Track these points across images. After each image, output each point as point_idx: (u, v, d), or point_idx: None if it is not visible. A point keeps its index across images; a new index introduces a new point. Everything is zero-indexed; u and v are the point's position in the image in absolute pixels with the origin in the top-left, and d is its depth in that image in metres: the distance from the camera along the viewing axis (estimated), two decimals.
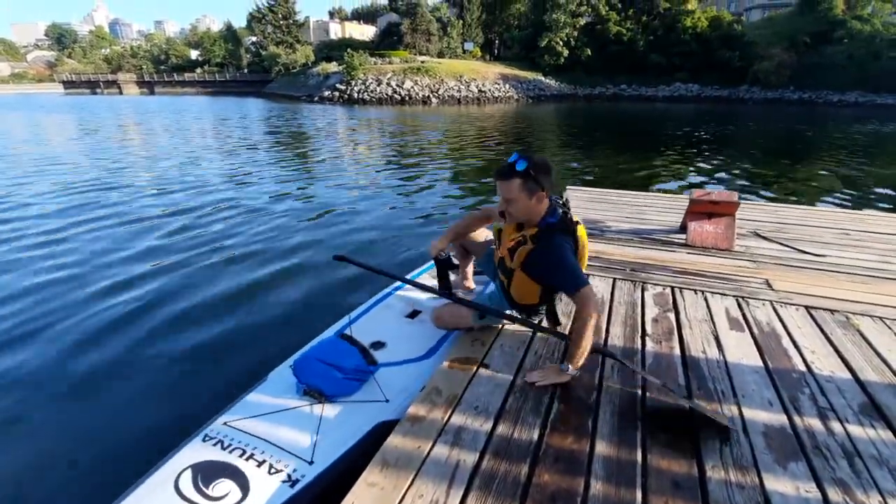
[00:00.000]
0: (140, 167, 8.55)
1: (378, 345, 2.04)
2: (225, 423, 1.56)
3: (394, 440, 1.38)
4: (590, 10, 41.09)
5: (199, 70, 62.53)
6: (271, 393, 1.73)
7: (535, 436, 1.39)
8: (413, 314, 2.33)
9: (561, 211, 1.73)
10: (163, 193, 6.42)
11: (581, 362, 1.60)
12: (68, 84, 61.62)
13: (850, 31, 33.96)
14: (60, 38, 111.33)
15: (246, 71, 59.08)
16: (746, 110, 27.59)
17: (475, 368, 1.74)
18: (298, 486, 1.35)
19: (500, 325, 2.03)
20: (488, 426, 1.44)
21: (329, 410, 1.62)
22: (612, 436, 1.39)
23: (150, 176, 7.69)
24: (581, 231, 1.79)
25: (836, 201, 6.26)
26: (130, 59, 73.09)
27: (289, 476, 1.37)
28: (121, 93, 56.71)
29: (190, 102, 33.87)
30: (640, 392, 1.59)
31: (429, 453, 1.33)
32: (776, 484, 1.22)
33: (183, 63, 69.32)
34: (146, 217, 5.29)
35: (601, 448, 1.34)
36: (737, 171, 8.46)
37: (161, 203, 5.89)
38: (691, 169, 8.66)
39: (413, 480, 1.23)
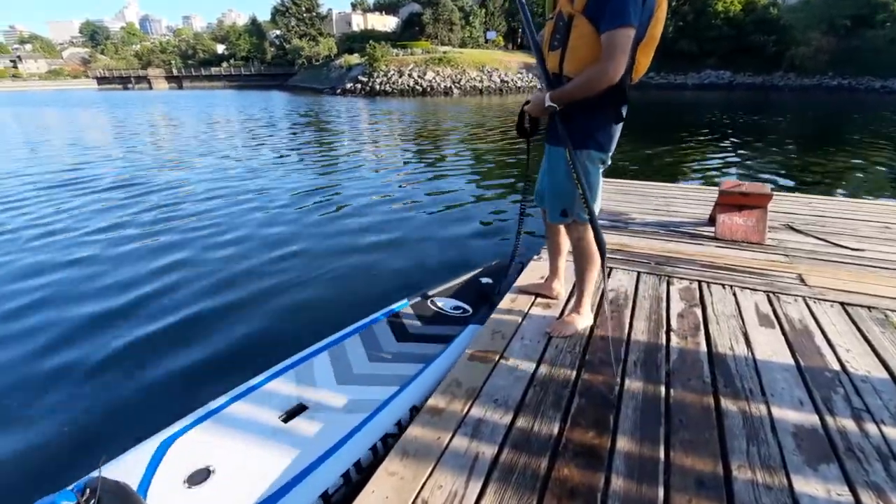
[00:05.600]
0: (164, 163, 8.79)
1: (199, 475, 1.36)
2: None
3: (414, 430, 1.40)
4: None
5: (224, 64, 63.83)
6: None
7: (556, 430, 1.38)
8: (292, 413, 1.63)
9: None
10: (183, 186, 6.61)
11: (566, 102, 1.54)
12: (101, 80, 63.86)
13: (893, 13, 31.98)
14: (94, 34, 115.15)
15: (270, 64, 59.91)
16: (781, 98, 26.39)
17: (496, 360, 1.74)
18: None
19: (521, 318, 2.02)
20: (508, 419, 1.44)
21: None
22: (635, 431, 1.37)
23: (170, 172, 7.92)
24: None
25: (877, 193, 5.96)
26: (160, 54, 75.02)
27: None
28: (151, 88, 58.45)
29: (218, 96, 34.58)
30: (664, 389, 1.56)
31: (448, 444, 1.34)
32: (806, 486, 1.18)
33: (210, 57, 70.92)
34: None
35: (622, 444, 1.32)
36: (769, 161, 8.13)
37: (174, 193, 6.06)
38: (721, 159, 8.36)
39: (432, 471, 1.24)
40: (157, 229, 4.73)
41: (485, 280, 2.72)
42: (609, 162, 1.72)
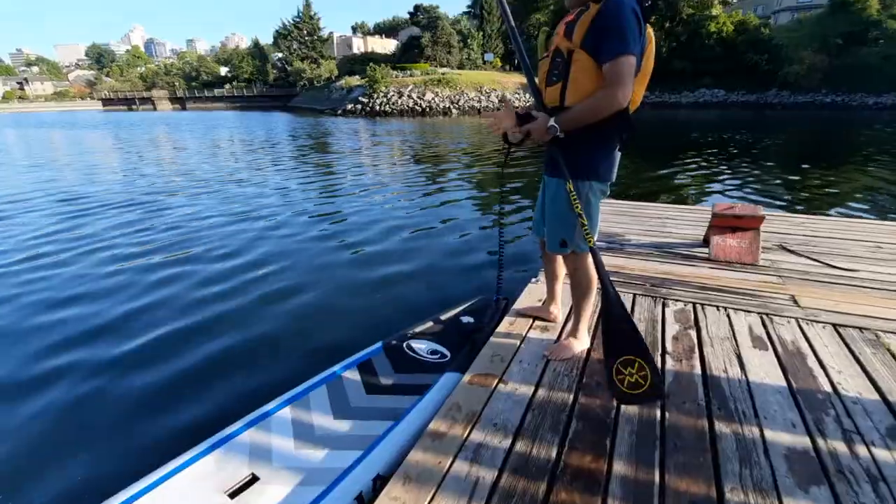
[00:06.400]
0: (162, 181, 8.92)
1: None
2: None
3: (415, 455, 1.43)
4: None
5: (227, 86, 65.10)
6: None
7: (554, 454, 1.42)
8: (242, 487, 1.48)
9: None
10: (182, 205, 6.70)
11: (570, 127, 1.54)
12: (106, 101, 65.03)
13: (885, 31, 32.72)
14: (100, 58, 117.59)
15: (272, 86, 61.05)
16: (775, 115, 26.82)
17: (495, 384, 1.78)
18: None
19: (520, 341, 2.06)
20: (507, 443, 1.47)
21: None
22: (631, 455, 1.40)
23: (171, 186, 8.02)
24: (650, 32, 1.58)
25: (870, 212, 6.04)
26: (164, 76, 76.56)
27: None
28: (154, 109, 59.37)
29: (220, 117, 35.11)
30: (659, 411, 1.60)
31: (449, 469, 1.37)
32: None
33: (213, 79, 72.35)
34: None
35: (619, 467, 1.36)
36: (763, 180, 8.25)
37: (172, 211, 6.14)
38: (715, 178, 8.49)
39: (434, 496, 1.28)
40: (132, 251, 4.76)
41: (466, 319, 2.57)
42: (608, 192, 1.79)
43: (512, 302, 2.48)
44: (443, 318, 2.58)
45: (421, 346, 2.29)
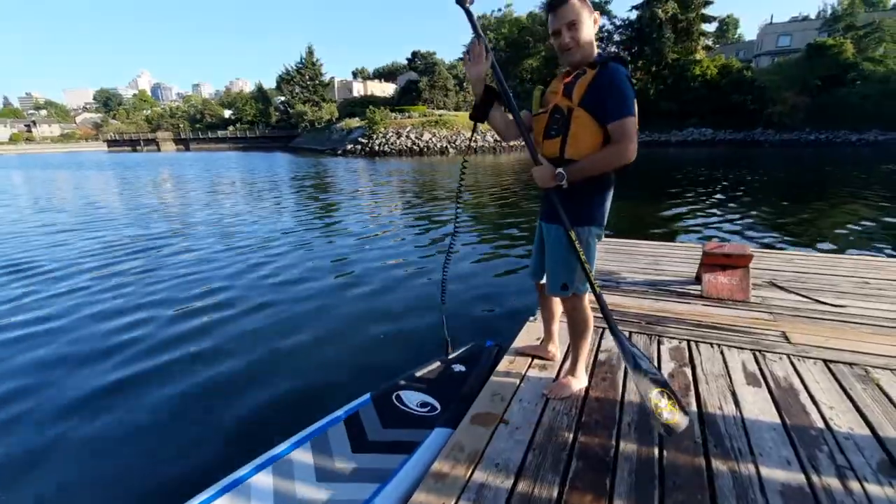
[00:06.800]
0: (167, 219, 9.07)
1: None
2: None
3: (419, 496, 1.46)
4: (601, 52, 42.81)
5: (231, 127, 66.98)
6: None
7: (555, 494, 1.45)
8: None
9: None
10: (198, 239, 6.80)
11: (577, 178, 1.64)
12: (112, 143, 66.64)
13: (862, 72, 34.34)
14: (107, 101, 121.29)
15: (274, 127, 62.92)
16: (762, 153, 27.64)
17: (496, 424, 1.81)
18: None
19: (519, 380, 2.11)
20: (509, 483, 1.50)
21: None
22: (630, 494, 1.43)
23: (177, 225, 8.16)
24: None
25: (856, 248, 6.18)
26: (169, 118, 78.82)
27: None
28: (158, 150, 60.85)
29: (222, 158, 35.95)
30: (657, 450, 1.64)
31: None
32: None
33: (216, 121, 74.45)
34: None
35: None
36: (751, 217, 8.45)
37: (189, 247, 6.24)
38: (706, 215, 8.70)
39: None
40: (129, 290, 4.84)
41: (458, 368, 2.53)
42: (603, 234, 1.90)
43: (505, 348, 2.48)
44: (434, 365, 2.54)
45: (410, 398, 2.25)
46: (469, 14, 1.66)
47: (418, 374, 2.46)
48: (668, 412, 1.49)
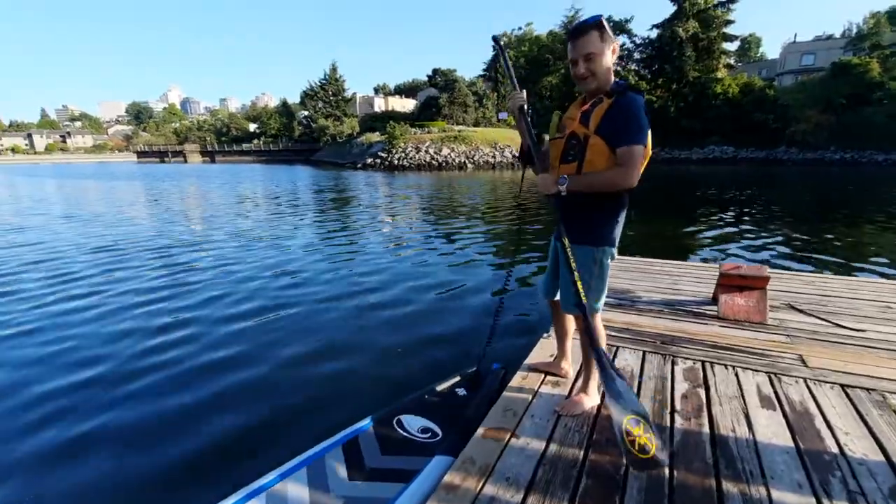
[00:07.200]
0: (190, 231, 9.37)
1: None
2: None
3: None
4: (619, 80, 42.97)
5: (255, 141, 69.14)
6: None
7: None
8: None
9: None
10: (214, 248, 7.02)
11: (577, 188, 1.73)
12: (141, 154, 69.39)
13: (889, 91, 33.59)
14: (139, 114, 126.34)
15: (297, 141, 64.62)
16: (785, 171, 27.12)
17: (508, 438, 1.85)
18: None
19: (532, 396, 2.15)
20: (519, 498, 1.54)
21: None
22: None
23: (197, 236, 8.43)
24: None
25: (881, 271, 6.03)
26: (196, 131, 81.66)
27: None
28: (185, 161, 63.09)
29: (245, 170, 36.97)
30: (667, 470, 1.65)
31: None
32: None
33: (242, 135, 76.89)
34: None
35: None
36: (773, 238, 8.30)
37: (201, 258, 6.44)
38: (725, 235, 8.58)
39: None
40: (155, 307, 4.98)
41: (461, 391, 2.51)
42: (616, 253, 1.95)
43: (512, 372, 2.45)
44: (437, 388, 2.51)
45: (412, 423, 2.22)
46: (502, 53, 1.96)
47: (420, 396, 2.44)
48: (641, 442, 1.49)
